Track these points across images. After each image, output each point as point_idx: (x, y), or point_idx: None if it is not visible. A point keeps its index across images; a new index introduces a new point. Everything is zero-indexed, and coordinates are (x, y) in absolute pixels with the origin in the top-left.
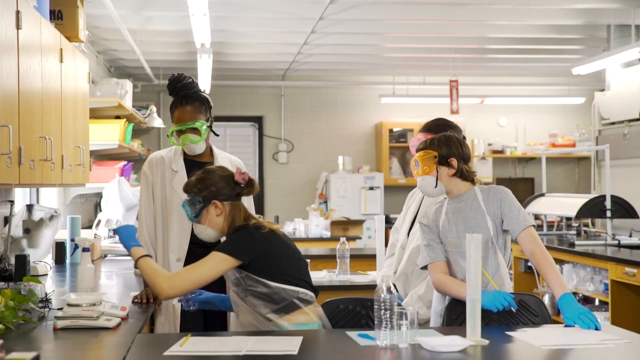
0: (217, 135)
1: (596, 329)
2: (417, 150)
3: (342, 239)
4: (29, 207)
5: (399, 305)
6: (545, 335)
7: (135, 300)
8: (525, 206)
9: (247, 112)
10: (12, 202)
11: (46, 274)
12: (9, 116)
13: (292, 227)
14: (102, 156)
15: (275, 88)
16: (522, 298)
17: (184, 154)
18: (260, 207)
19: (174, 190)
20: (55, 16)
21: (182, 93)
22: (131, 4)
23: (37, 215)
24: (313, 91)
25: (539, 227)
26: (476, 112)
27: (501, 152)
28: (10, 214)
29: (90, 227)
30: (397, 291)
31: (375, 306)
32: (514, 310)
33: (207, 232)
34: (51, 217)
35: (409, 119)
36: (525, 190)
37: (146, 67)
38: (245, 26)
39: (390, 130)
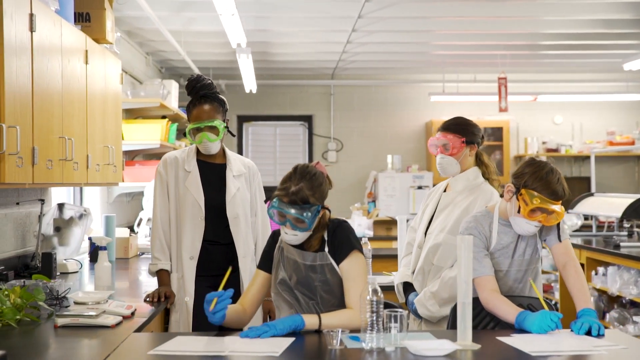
0: (234, 135)
1: (599, 335)
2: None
3: (364, 239)
4: (60, 206)
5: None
6: (538, 340)
7: (147, 299)
8: (573, 206)
9: (296, 111)
10: (42, 200)
11: (76, 272)
12: (18, 117)
13: None
14: (150, 155)
15: (324, 87)
16: (531, 302)
17: (197, 154)
18: None
19: (187, 190)
20: (83, 18)
21: (201, 92)
22: (171, 5)
23: (67, 213)
24: (362, 90)
25: (587, 228)
26: (530, 110)
27: (556, 150)
28: (41, 213)
29: (132, 225)
30: (415, 289)
31: (362, 308)
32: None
33: (301, 236)
34: (81, 216)
35: None
36: (580, 189)
37: (193, 68)
38: (284, 26)
39: None
